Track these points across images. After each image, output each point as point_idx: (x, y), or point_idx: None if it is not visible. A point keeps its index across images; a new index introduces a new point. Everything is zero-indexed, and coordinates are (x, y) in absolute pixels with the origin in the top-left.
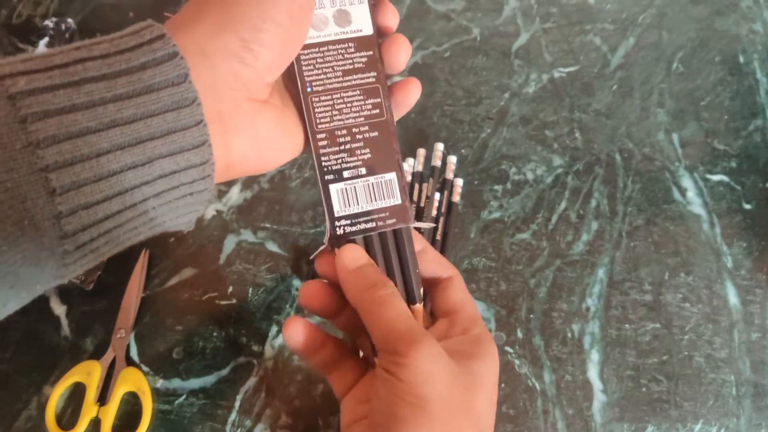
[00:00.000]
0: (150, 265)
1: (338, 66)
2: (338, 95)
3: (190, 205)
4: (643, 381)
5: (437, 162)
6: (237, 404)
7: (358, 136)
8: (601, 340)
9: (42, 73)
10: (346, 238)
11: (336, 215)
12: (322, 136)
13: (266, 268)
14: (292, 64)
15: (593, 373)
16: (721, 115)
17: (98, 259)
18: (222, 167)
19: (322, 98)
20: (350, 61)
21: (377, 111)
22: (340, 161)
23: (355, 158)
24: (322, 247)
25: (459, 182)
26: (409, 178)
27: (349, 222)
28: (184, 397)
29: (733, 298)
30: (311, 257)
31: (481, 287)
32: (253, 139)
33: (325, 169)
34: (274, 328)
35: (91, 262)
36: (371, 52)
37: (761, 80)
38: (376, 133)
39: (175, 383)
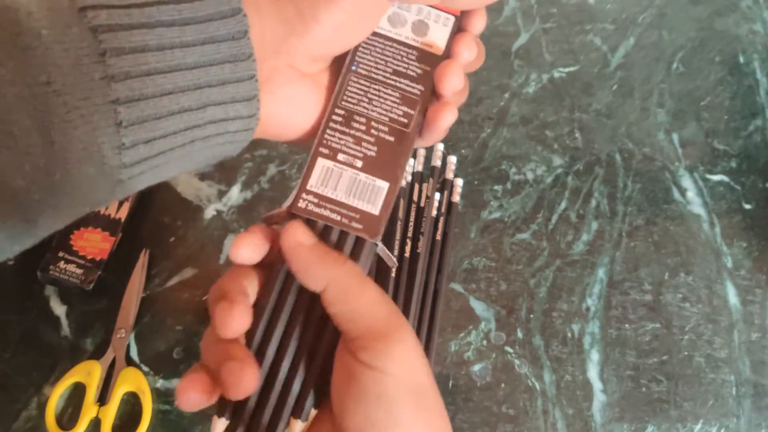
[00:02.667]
0: (150, 265)
1: (392, 63)
2: (377, 87)
3: (225, 151)
4: (643, 381)
5: (437, 162)
6: None
7: (373, 131)
8: (601, 340)
9: (121, 10)
10: (305, 213)
11: (308, 187)
12: (341, 112)
13: None
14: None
15: (593, 373)
16: (721, 115)
17: (136, 189)
18: None
19: (361, 81)
20: (406, 65)
21: (405, 120)
22: (342, 143)
23: (358, 148)
24: (277, 210)
25: (459, 182)
26: (409, 178)
27: (316, 201)
28: None
29: (733, 298)
30: (263, 216)
31: (481, 287)
32: (281, 104)
33: (324, 142)
34: None
35: (132, 190)
36: (429, 69)
37: (761, 80)
38: (392, 139)
39: (175, 383)
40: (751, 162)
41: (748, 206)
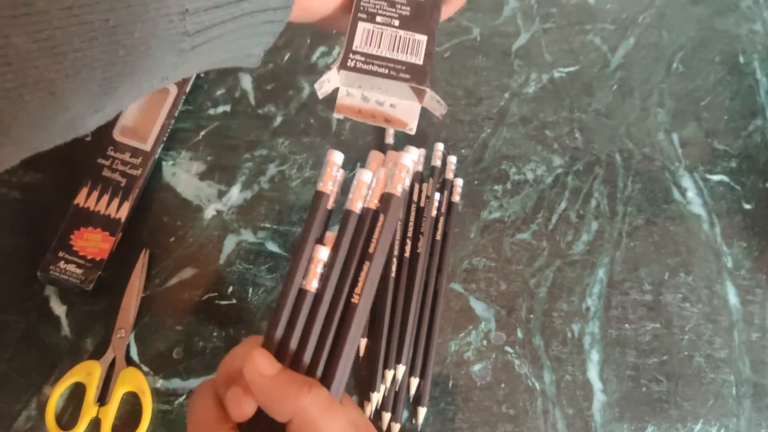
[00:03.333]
0: (150, 265)
1: None
2: None
3: (268, 32)
4: (643, 381)
5: (437, 162)
6: None
7: None
8: (601, 340)
9: None
10: (354, 71)
11: (353, 48)
12: None
13: (266, 268)
14: None
15: (593, 373)
16: (721, 115)
17: (198, 67)
18: None
19: None
20: None
21: None
22: (378, 7)
23: (394, 10)
24: (329, 72)
25: (459, 182)
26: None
27: (363, 59)
28: (184, 397)
29: (733, 298)
30: (321, 91)
31: (481, 287)
32: None
33: (362, 8)
34: None
35: (194, 67)
36: None
37: (761, 80)
38: None
39: (175, 383)
40: (751, 162)
41: (748, 206)
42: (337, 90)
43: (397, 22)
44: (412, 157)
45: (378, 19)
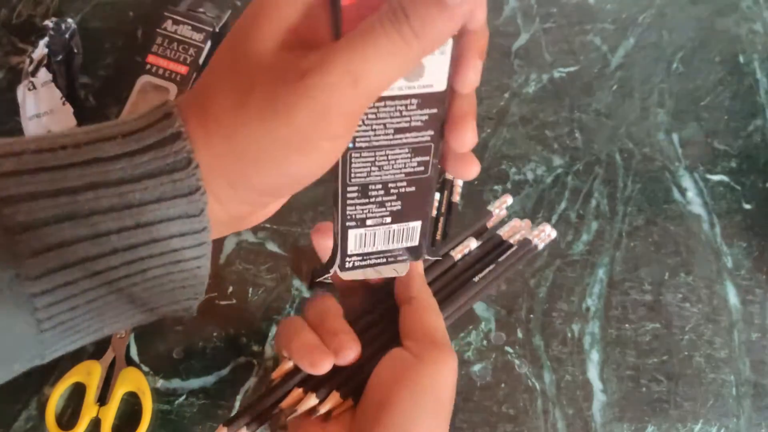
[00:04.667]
0: None
1: (392, 123)
2: (382, 152)
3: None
4: (643, 381)
5: None
6: (237, 404)
7: (392, 191)
8: (601, 340)
9: (50, 200)
10: (353, 269)
11: (349, 253)
12: (354, 189)
13: (266, 268)
14: None
15: (593, 373)
16: (721, 115)
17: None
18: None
19: (364, 154)
20: (408, 118)
21: (421, 168)
22: (366, 212)
23: (383, 210)
24: (327, 275)
25: (459, 182)
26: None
27: (360, 258)
28: (184, 397)
29: (733, 298)
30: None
31: None
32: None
33: (349, 217)
34: (274, 328)
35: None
36: (435, 110)
37: (761, 80)
38: (413, 189)
39: (175, 383)
40: (751, 162)
41: (748, 206)
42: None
43: (389, 219)
44: (550, 231)
45: (368, 222)
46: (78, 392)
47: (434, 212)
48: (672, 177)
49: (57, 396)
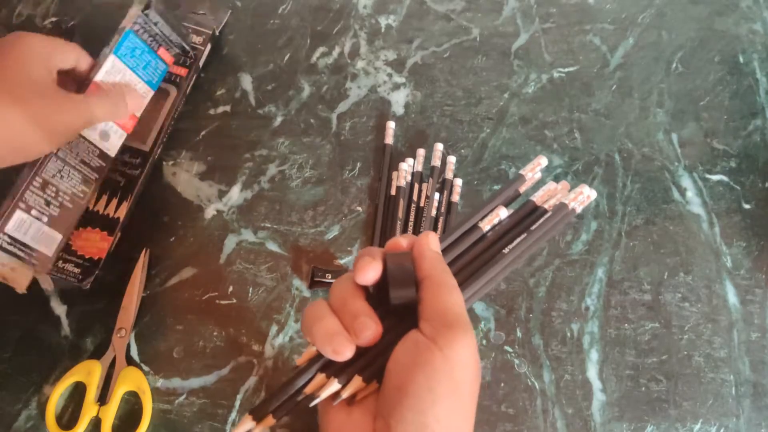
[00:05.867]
0: (150, 264)
1: (82, 155)
2: (68, 168)
3: None
4: (643, 380)
5: (437, 162)
6: (237, 403)
7: (59, 198)
8: (600, 340)
9: None
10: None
11: (5, 230)
12: (39, 180)
13: (266, 268)
14: None
15: (592, 373)
16: (720, 115)
17: None
18: None
19: (59, 162)
20: (90, 158)
21: (82, 195)
22: (36, 203)
23: (47, 209)
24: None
25: (458, 182)
26: (409, 178)
27: (9, 241)
28: (184, 396)
29: (732, 297)
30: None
31: None
32: None
33: (24, 199)
34: (274, 328)
35: None
36: (104, 164)
37: (761, 80)
38: (71, 206)
39: (175, 383)
40: (751, 162)
41: (747, 206)
42: None
43: (46, 219)
44: (589, 192)
45: (33, 212)
46: (78, 392)
47: (433, 212)
48: (671, 177)
49: (57, 395)
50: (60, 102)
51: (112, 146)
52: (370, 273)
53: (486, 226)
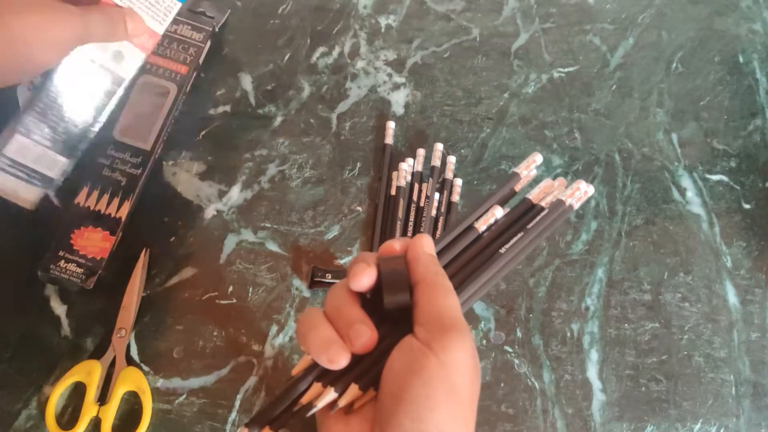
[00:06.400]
0: (150, 264)
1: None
2: (73, 95)
3: None
4: (643, 380)
5: (437, 162)
6: (237, 403)
7: (59, 128)
8: (600, 340)
9: None
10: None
11: (3, 152)
12: (41, 105)
13: (266, 268)
14: None
15: (592, 373)
16: (720, 114)
17: None
18: None
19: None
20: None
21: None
22: (39, 129)
23: (51, 132)
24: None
25: (458, 182)
26: (408, 178)
27: (10, 163)
28: (184, 396)
29: (732, 297)
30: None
31: None
32: None
33: (24, 125)
34: (274, 328)
35: None
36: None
37: (761, 80)
38: (77, 130)
39: (175, 383)
40: (751, 162)
41: (747, 206)
42: None
43: (48, 143)
44: (587, 188)
45: (34, 137)
46: (78, 392)
47: (433, 212)
48: (671, 177)
49: (57, 395)
50: (55, 12)
51: (128, 69)
52: (365, 279)
53: (482, 226)
